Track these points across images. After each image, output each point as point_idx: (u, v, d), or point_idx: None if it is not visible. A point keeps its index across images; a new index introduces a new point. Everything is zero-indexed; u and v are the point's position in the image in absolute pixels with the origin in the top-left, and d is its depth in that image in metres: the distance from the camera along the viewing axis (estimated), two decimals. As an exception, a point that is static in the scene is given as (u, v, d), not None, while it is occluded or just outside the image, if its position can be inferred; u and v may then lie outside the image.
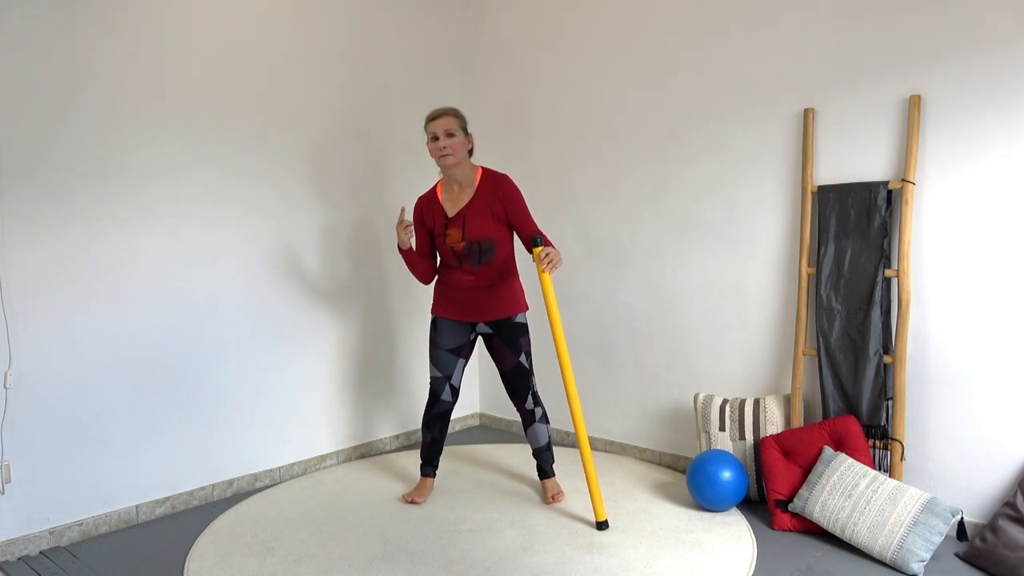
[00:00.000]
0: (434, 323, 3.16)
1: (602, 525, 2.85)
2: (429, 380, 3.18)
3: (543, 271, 2.78)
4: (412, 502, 3.13)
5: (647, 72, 3.57)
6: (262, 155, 3.43)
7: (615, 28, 3.68)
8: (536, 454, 3.19)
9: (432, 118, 3.00)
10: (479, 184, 3.03)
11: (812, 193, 3.04)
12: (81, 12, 2.86)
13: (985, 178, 2.65)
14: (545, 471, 3.20)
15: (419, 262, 3.14)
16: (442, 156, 2.96)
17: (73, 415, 2.88)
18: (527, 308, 3.15)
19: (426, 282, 3.20)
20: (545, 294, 2.82)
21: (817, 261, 3.01)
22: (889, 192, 2.83)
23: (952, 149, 2.72)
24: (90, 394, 2.92)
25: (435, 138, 2.96)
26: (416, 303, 4.12)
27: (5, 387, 2.72)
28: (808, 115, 3.04)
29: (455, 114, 3.00)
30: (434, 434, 3.20)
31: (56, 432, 2.84)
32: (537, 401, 3.16)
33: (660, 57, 3.51)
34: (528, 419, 3.16)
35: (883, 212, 2.83)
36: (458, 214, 3.02)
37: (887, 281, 2.86)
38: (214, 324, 3.29)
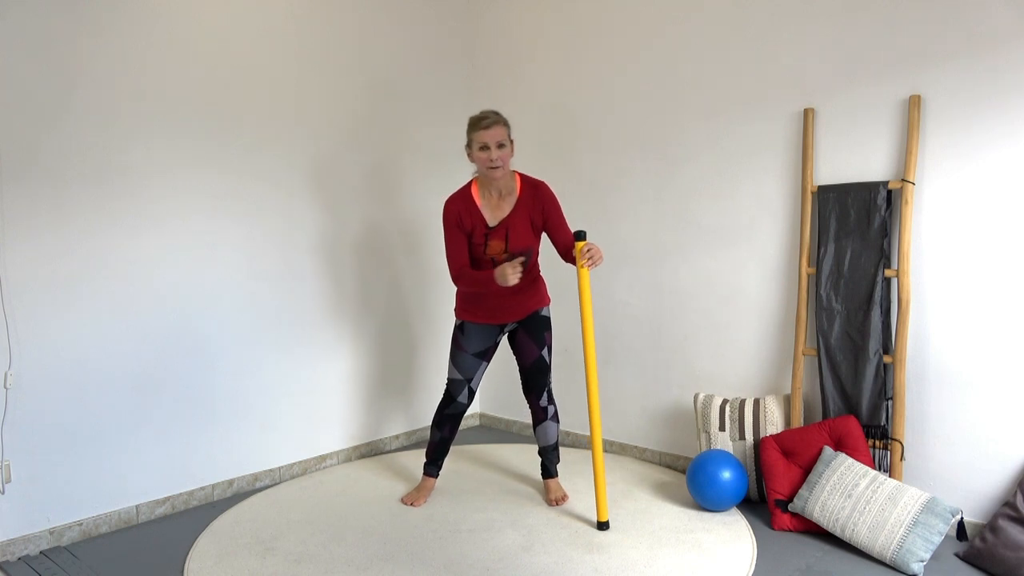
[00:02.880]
0: (461, 327, 3.07)
1: (603, 525, 2.85)
2: (446, 381, 3.12)
3: (583, 266, 2.75)
4: (412, 504, 3.13)
5: (647, 72, 3.57)
6: (262, 155, 3.43)
7: (615, 28, 3.68)
8: (542, 452, 3.18)
9: (483, 127, 2.82)
10: (520, 193, 2.94)
11: (812, 193, 3.04)
12: (80, 11, 2.86)
13: (985, 178, 2.65)
14: (550, 471, 3.19)
15: (472, 275, 2.93)
16: (491, 168, 2.83)
17: (73, 415, 2.88)
18: (550, 301, 3.14)
19: None
20: (581, 289, 2.79)
21: (817, 261, 3.01)
22: (889, 192, 2.83)
23: (952, 149, 2.72)
24: (90, 394, 2.92)
25: (484, 148, 2.82)
26: (419, 303, 4.12)
27: (5, 387, 2.72)
28: (808, 115, 3.04)
29: (505, 123, 2.89)
30: (444, 434, 3.17)
31: (56, 432, 2.84)
32: (551, 399, 3.15)
33: (660, 57, 3.51)
34: (540, 416, 3.14)
35: (883, 212, 2.83)
36: (500, 225, 2.92)
37: (887, 281, 2.86)
38: (214, 324, 3.29)
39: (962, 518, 2.63)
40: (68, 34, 2.83)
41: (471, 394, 3.13)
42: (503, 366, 4.31)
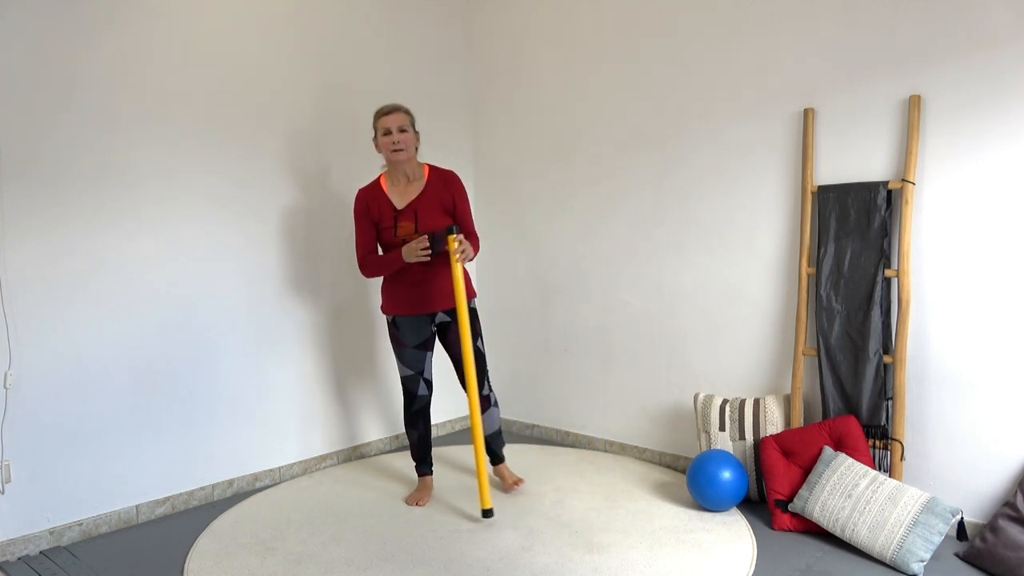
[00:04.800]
0: (393, 322, 3.15)
1: (487, 513, 2.92)
2: (400, 380, 3.19)
3: (456, 260, 2.87)
4: (417, 504, 3.14)
5: (647, 72, 3.57)
6: (262, 156, 3.43)
7: (615, 28, 3.68)
8: (489, 439, 3.24)
9: (384, 113, 3.03)
10: (428, 178, 3.10)
11: (812, 193, 3.04)
12: (80, 11, 2.86)
13: (985, 178, 2.65)
14: (498, 455, 3.28)
15: (374, 258, 3.09)
16: (394, 151, 3.00)
17: (73, 415, 2.88)
18: (476, 294, 3.26)
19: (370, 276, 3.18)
20: (455, 280, 2.91)
21: (817, 261, 3.01)
22: (889, 192, 2.83)
23: (952, 149, 2.72)
24: (90, 394, 2.93)
25: (387, 133, 3.00)
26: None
27: (5, 387, 2.72)
28: (808, 115, 3.04)
29: (406, 111, 3.07)
30: (419, 431, 3.22)
31: (56, 432, 2.84)
32: (490, 387, 3.22)
33: (660, 57, 3.51)
34: (484, 405, 3.18)
35: (883, 212, 2.83)
36: (408, 207, 3.05)
37: (887, 281, 2.86)
38: (214, 323, 3.29)
39: (962, 518, 2.63)
40: (68, 34, 2.83)
41: (428, 385, 3.21)
42: (502, 365, 4.31)
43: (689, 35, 3.40)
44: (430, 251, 2.93)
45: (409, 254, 2.93)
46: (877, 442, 2.85)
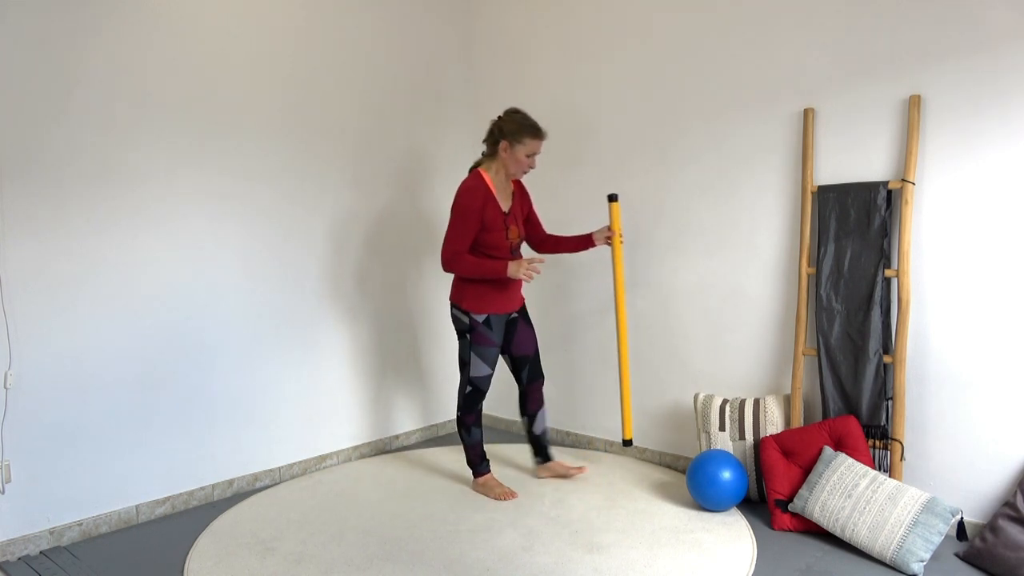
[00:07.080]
0: (487, 322, 3.15)
1: (627, 443, 3.22)
2: (471, 379, 3.18)
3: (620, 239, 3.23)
4: (511, 496, 3.18)
5: (647, 72, 3.57)
6: (262, 154, 3.43)
7: (615, 28, 3.68)
8: (542, 436, 3.42)
9: (541, 137, 3.11)
10: (514, 187, 3.26)
11: (812, 193, 3.04)
12: (79, 11, 2.86)
13: (985, 178, 2.65)
14: (550, 453, 3.44)
15: (473, 260, 3.08)
16: (525, 172, 3.16)
17: (73, 415, 2.88)
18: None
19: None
20: (617, 258, 3.22)
21: (817, 261, 3.01)
22: (889, 192, 2.83)
23: (952, 149, 2.72)
24: (90, 394, 2.93)
25: (532, 155, 3.11)
26: (416, 301, 4.12)
27: (5, 387, 2.72)
28: (808, 115, 3.04)
29: None
30: (480, 429, 3.31)
31: (56, 432, 2.84)
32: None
33: (660, 57, 3.51)
34: (541, 400, 3.38)
35: (883, 212, 2.83)
36: (511, 212, 3.19)
37: (887, 281, 2.86)
38: (214, 324, 3.29)
39: (962, 518, 2.63)
40: (68, 34, 2.83)
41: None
42: (502, 364, 4.31)
43: (689, 35, 3.40)
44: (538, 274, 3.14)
45: (516, 270, 2.99)
46: (877, 442, 2.85)
